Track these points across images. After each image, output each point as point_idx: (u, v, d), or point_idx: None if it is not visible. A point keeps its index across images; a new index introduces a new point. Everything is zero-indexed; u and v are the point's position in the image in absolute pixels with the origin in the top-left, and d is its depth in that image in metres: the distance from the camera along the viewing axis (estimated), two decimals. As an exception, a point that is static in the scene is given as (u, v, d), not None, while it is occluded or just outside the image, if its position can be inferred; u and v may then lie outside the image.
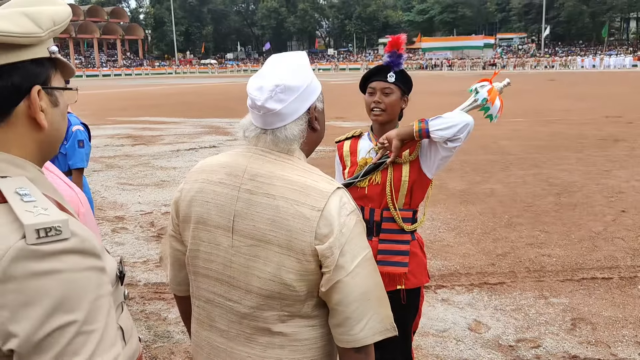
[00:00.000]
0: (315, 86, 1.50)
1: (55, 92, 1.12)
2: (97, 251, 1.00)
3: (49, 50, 1.08)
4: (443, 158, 2.51)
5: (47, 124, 1.09)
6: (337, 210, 1.37)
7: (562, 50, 74.22)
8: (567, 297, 4.37)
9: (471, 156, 10.38)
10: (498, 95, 2.62)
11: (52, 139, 1.14)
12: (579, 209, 6.82)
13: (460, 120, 2.39)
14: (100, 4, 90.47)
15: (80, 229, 1.00)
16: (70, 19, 1.15)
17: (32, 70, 1.05)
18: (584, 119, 15.96)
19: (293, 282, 1.38)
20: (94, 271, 0.99)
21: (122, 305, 1.20)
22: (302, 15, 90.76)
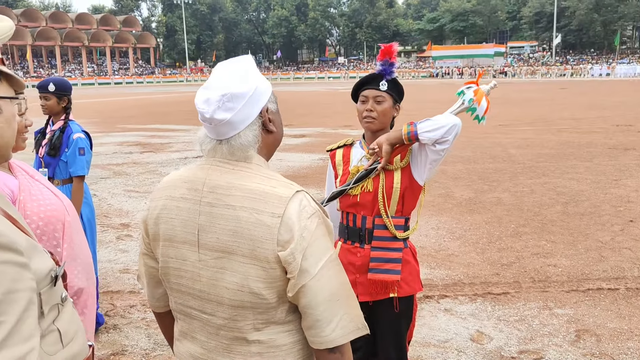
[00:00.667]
0: (263, 89, 1.46)
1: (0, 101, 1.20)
2: (15, 246, 1.03)
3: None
4: (432, 162, 2.48)
5: None
6: (296, 215, 1.37)
7: (573, 59, 73.86)
8: (572, 308, 4.31)
9: (478, 165, 10.32)
10: (485, 96, 2.62)
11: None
12: (587, 219, 6.74)
13: (448, 122, 2.38)
14: (113, 12, 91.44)
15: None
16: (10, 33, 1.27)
17: None
18: (594, 127, 15.84)
19: (262, 291, 1.38)
20: (9, 265, 1.01)
21: (59, 307, 1.21)
22: (313, 23, 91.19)
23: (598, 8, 71.33)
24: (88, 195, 4.16)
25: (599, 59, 71.44)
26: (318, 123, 19.17)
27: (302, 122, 19.52)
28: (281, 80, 71.84)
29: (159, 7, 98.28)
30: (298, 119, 20.34)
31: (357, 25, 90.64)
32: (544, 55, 75.24)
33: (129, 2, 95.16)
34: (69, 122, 4.00)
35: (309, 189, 8.36)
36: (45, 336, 1.17)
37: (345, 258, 2.56)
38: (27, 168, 2.07)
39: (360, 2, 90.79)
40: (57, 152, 3.92)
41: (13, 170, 1.96)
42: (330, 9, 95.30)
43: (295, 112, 23.57)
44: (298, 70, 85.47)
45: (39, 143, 4.08)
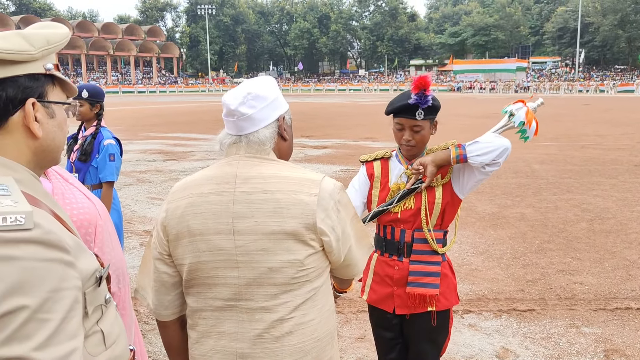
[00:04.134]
0: (283, 101, 1.66)
1: (52, 105, 1.24)
2: (63, 245, 1.04)
3: (45, 67, 1.20)
4: (478, 181, 2.48)
5: (42, 134, 1.20)
6: (329, 193, 1.56)
7: (596, 75, 73.11)
8: (599, 327, 4.23)
9: (502, 179, 10.23)
10: (534, 117, 2.58)
11: (47, 148, 1.24)
12: (613, 236, 6.64)
13: (499, 145, 2.36)
14: (138, 22, 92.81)
15: (47, 222, 1.05)
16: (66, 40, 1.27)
17: (26, 84, 1.17)
18: (618, 144, 15.63)
19: (304, 263, 1.53)
20: (56, 263, 1.02)
21: (103, 308, 1.22)
22: (335, 36, 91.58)
23: (623, 24, 70.62)
24: (117, 202, 4.21)
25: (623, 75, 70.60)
26: (339, 135, 19.18)
27: (324, 133, 19.55)
28: (302, 92, 72.12)
29: (183, 17, 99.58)
30: (319, 130, 20.38)
31: (379, 38, 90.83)
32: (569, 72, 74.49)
33: (154, 12, 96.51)
34: (100, 128, 4.07)
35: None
36: (89, 337, 1.17)
37: (382, 271, 2.54)
38: (61, 172, 2.09)
39: (382, 15, 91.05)
40: (88, 157, 3.98)
41: (47, 174, 1.99)
42: (352, 21, 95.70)
43: (316, 123, 23.63)
44: (319, 82, 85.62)
45: (70, 148, 4.15)
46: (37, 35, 1.21)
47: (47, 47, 1.21)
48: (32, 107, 1.17)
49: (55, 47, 1.23)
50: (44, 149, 1.23)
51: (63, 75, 1.27)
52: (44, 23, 1.31)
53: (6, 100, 1.15)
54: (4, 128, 1.16)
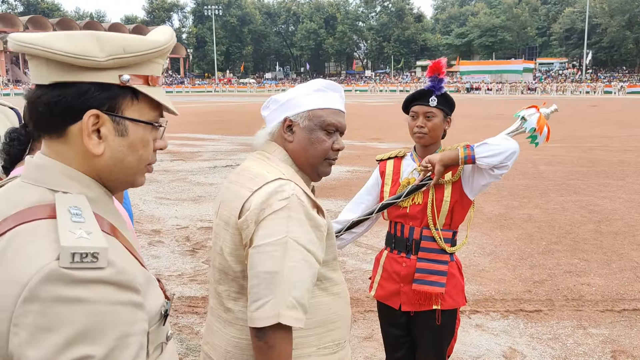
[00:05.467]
0: (298, 103, 1.69)
1: (126, 121, 1.06)
2: (134, 285, 0.95)
3: (121, 78, 1.04)
4: (488, 182, 2.51)
5: (106, 152, 1.04)
6: (267, 194, 1.53)
7: (604, 76, 72.82)
8: (607, 328, 4.24)
9: (508, 181, 10.22)
10: (546, 123, 2.60)
11: (110, 169, 1.07)
12: (620, 238, 6.63)
13: (508, 147, 2.38)
14: (145, 23, 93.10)
15: (120, 257, 0.95)
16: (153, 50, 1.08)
17: (90, 93, 1.02)
18: (626, 146, 15.58)
19: (227, 256, 1.60)
20: (127, 306, 0.93)
21: (163, 345, 1.11)
22: (341, 37, 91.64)
23: (630, 25, 70.35)
24: (127, 201, 4.24)
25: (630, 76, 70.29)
26: (345, 135, 18.84)
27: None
28: (308, 93, 72.02)
29: (189, 18, 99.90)
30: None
31: (385, 39, 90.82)
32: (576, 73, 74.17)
33: (161, 13, 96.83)
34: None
35: (336, 200, 8.41)
36: None
37: (390, 267, 2.58)
38: None
39: (388, 16, 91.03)
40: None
41: None
42: (358, 22, 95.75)
43: (322, 124, 23.64)
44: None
45: None
46: (113, 40, 1.04)
47: (122, 56, 1.03)
48: (90, 120, 1.01)
49: (133, 57, 1.05)
50: (108, 170, 1.07)
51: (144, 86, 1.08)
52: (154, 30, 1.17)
53: (64, 107, 1.01)
54: (63, 137, 1.03)
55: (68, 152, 1.04)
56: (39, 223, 0.95)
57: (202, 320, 4.40)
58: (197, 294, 4.92)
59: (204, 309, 4.58)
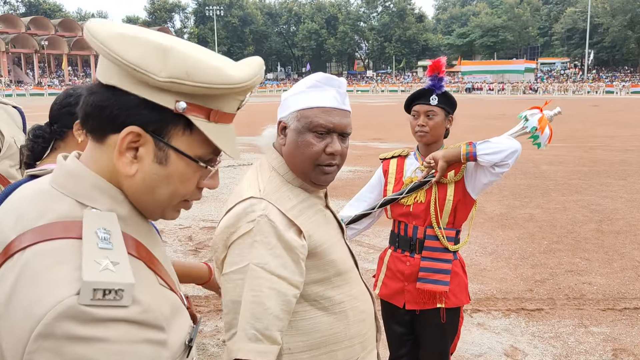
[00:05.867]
0: (290, 102, 1.59)
1: (170, 150, 0.95)
2: (159, 323, 0.87)
3: (176, 104, 0.92)
4: (490, 181, 2.54)
5: (137, 174, 0.94)
6: (235, 215, 1.47)
7: (605, 76, 72.75)
8: (608, 327, 4.26)
9: (510, 180, 10.24)
10: (548, 124, 2.63)
11: (139, 194, 0.97)
12: (622, 237, 6.65)
13: (509, 146, 2.42)
14: (147, 24, 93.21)
15: (146, 295, 0.87)
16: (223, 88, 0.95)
17: (139, 108, 0.92)
18: (628, 145, 15.58)
19: (217, 275, 1.57)
20: (149, 344, 0.85)
21: None
22: (342, 37, 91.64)
23: (632, 25, 70.26)
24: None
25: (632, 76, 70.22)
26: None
27: (331, 134, 19.60)
28: (309, 93, 71.99)
29: (191, 19, 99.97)
30: (327, 131, 20.42)
31: (387, 39, 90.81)
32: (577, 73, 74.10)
33: (163, 13, 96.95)
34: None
35: (337, 200, 8.42)
36: None
37: (394, 266, 2.60)
38: None
39: (390, 16, 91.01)
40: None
41: None
42: (360, 22, 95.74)
43: (324, 124, 23.67)
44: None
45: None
46: (180, 60, 0.91)
47: (182, 82, 0.90)
48: (128, 137, 0.91)
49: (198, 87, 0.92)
50: (138, 194, 0.97)
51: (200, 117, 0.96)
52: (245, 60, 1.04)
53: (109, 114, 0.92)
54: (103, 143, 0.95)
55: (104, 160, 0.95)
56: (62, 243, 0.86)
57: (206, 319, 4.43)
58: (199, 293, 4.94)
59: (207, 308, 4.62)
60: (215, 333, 4.15)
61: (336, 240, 1.63)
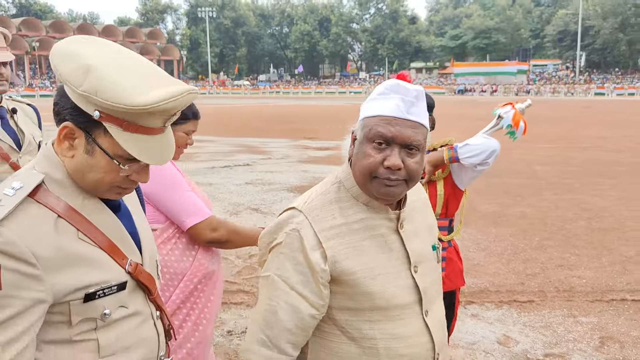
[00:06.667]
0: (360, 116, 1.54)
1: (95, 146, 1.24)
2: (24, 257, 1.15)
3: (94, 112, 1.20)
4: (473, 177, 2.74)
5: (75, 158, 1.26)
6: (277, 223, 1.51)
7: (597, 78, 73.38)
8: (596, 317, 4.44)
9: (503, 179, 10.43)
10: (522, 118, 2.82)
11: (75, 173, 1.28)
12: (611, 234, 6.85)
13: (488, 147, 2.62)
14: (139, 25, 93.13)
15: (15, 232, 1.15)
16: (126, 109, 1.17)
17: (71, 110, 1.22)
18: (619, 146, 15.82)
19: None
20: (8, 271, 1.14)
21: (98, 322, 1.28)
22: (335, 38, 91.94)
23: (623, 27, 70.98)
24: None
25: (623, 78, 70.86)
26: (341, 136, 19.16)
27: (326, 135, 19.76)
28: (302, 95, 72.33)
29: (183, 20, 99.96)
30: (321, 133, 20.60)
31: (379, 41, 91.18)
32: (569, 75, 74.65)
33: (154, 15, 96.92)
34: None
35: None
36: (77, 342, 1.27)
37: None
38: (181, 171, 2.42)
39: (382, 18, 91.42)
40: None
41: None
42: (352, 24, 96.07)
43: (318, 125, 23.86)
44: (319, 84, 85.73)
45: None
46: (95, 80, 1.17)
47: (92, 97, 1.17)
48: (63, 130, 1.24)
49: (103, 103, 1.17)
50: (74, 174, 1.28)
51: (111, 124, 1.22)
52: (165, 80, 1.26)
53: (57, 111, 1.26)
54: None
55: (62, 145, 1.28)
56: None
57: (209, 311, 4.58)
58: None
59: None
60: (219, 324, 4.30)
61: (390, 272, 1.49)
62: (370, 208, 1.49)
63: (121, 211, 1.41)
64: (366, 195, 1.48)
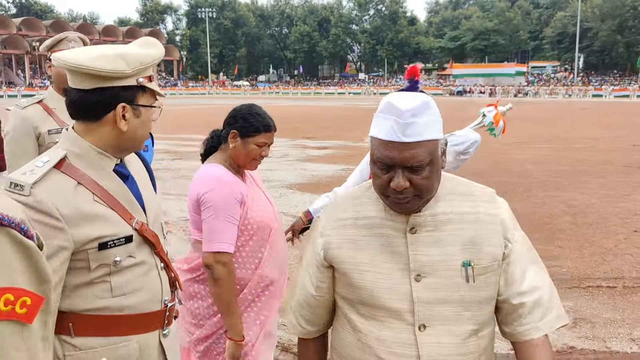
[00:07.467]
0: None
1: (140, 107, 1.66)
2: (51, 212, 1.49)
3: (137, 80, 1.63)
4: (456, 166, 3.08)
5: (128, 128, 1.64)
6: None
7: (595, 80, 73.81)
8: (572, 301, 4.79)
9: (494, 178, 10.77)
10: (502, 118, 3.21)
11: (130, 138, 1.68)
12: (593, 228, 7.19)
13: (469, 138, 2.99)
14: (139, 25, 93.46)
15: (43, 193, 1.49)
16: (157, 60, 1.70)
17: (119, 92, 1.61)
18: (611, 146, 16.17)
19: None
20: (39, 223, 1.46)
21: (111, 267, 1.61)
22: (334, 39, 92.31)
23: (621, 29, 71.42)
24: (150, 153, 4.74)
25: (621, 80, 71.29)
26: (339, 136, 19.76)
27: (325, 135, 20.14)
28: (302, 95, 72.72)
29: (183, 20, 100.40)
30: (320, 132, 20.98)
31: (379, 42, 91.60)
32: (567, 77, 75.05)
33: (155, 15, 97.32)
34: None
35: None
36: (95, 284, 1.60)
37: None
38: (256, 177, 2.62)
39: (382, 19, 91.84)
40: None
41: (245, 178, 2.52)
42: (352, 25, 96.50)
43: (317, 125, 24.23)
44: (319, 85, 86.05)
45: None
46: (134, 57, 1.61)
47: (140, 67, 1.62)
48: (121, 110, 1.61)
49: (147, 66, 1.65)
50: (127, 139, 1.67)
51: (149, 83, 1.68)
52: (145, 40, 1.74)
53: (103, 103, 1.60)
54: (99, 122, 1.63)
55: (100, 130, 1.64)
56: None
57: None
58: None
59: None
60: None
61: (383, 273, 1.48)
62: (389, 209, 1.51)
63: (129, 180, 1.74)
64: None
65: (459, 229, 1.49)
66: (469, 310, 1.48)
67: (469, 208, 1.52)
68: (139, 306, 1.68)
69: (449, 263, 1.46)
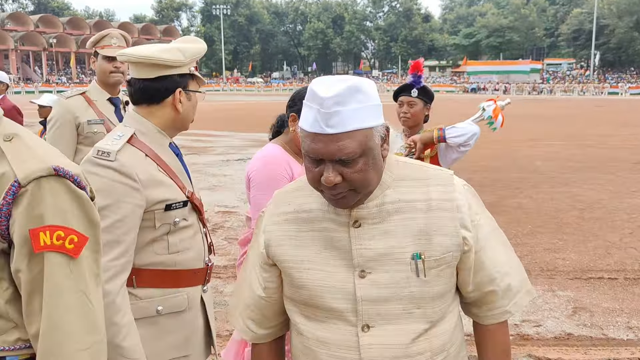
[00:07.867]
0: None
1: (190, 92, 1.97)
2: (131, 175, 1.75)
3: (190, 69, 1.94)
4: (457, 158, 3.28)
5: (182, 110, 1.95)
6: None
7: (611, 77, 73.13)
8: (573, 292, 4.91)
9: (504, 174, 10.88)
10: (500, 112, 3.40)
11: (183, 118, 1.99)
12: (599, 223, 7.29)
13: (470, 130, 3.18)
14: (154, 22, 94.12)
15: (128, 160, 1.77)
16: (204, 52, 2.00)
17: (177, 79, 1.92)
18: (624, 144, 16.15)
19: None
20: (121, 184, 1.74)
21: (171, 227, 1.87)
22: (348, 36, 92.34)
23: (638, 26, 70.68)
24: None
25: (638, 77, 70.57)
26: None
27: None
28: (316, 92, 72.55)
29: (198, 17, 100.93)
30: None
31: (393, 39, 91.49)
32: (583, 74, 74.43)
33: (170, 12, 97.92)
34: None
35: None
36: (157, 241, 1.86)
37: None
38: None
39: (396, 16, 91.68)
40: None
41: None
42: (366, 22, 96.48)
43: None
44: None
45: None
46: (188, 49, 1.92)
47: (193, 57, 1.94)
48: (178, 94, 1.91)
49: (198, 57, 1.97)
50: (182, 119, 1.98)
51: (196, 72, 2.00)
52: (189, 37, 2.05)
53: (165, 89, 1.90)
54: (160, 104, 1.93)
55: (160, 112, 1.93)
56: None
57: (225, 283, 5.12)
58: (218, 264, 5.61)
59: (225, 274, 5.31)
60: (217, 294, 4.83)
61: (325, 270, 1.38)
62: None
63: (179, 156, 2.05)
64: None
65: (409, 218, 1.36)
66: (420, 307, 1.35)
67: (421, 194, 1.38)
68: (187, 263, 1.94)
69: (398, 256, 1.34)
